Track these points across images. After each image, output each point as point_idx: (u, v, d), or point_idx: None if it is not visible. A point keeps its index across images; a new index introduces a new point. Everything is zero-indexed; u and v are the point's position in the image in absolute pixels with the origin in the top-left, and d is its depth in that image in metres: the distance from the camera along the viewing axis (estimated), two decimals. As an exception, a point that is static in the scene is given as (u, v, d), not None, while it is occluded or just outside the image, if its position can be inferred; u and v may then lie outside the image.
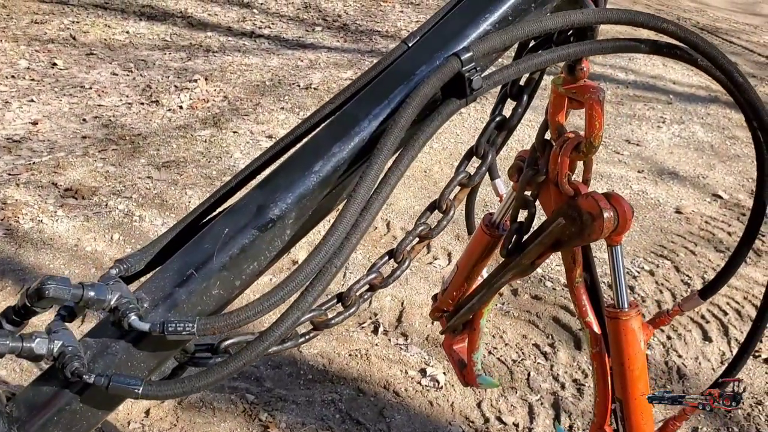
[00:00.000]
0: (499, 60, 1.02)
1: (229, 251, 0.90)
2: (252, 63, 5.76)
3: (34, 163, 3.79)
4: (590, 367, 1.55)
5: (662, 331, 2.77)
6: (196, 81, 5.21)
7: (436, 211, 1.02)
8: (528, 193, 1.19)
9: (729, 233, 3.48)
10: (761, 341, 2.64)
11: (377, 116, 0.92)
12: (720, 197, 3.84)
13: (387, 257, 1.03)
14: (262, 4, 7.46)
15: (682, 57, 0.99)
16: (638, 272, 3.18)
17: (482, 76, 0.90)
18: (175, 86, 5.12)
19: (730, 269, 1.18)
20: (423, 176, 3.92)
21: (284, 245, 0.93)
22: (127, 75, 5.32)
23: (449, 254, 3.22)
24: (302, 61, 5.84)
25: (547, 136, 1.17)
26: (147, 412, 2.27)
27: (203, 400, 2.33)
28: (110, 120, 4.48)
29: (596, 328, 1.19)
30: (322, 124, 1.04)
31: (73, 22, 6.38)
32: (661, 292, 3.05)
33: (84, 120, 4.46)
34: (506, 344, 2.69)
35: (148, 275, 0.97)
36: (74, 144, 4.10)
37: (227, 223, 0.93)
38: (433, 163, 4.07)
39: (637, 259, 3.28)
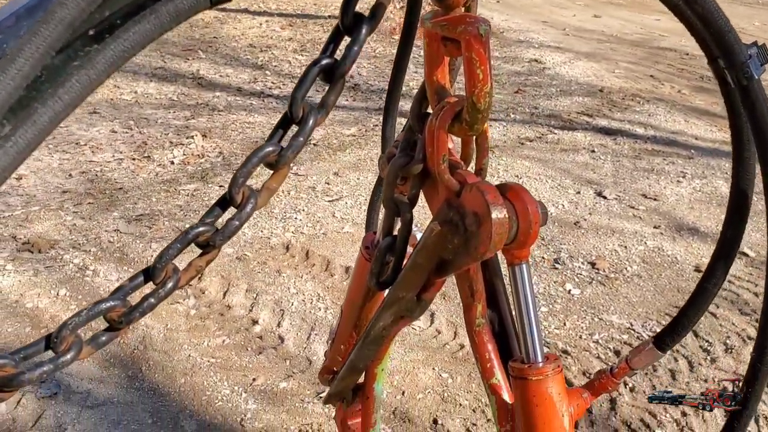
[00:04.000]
0: None
1: None
2: (255, 121, 5.62)
3: (3, 217, 3.60)
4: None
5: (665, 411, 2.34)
6: (192, 137, 5.06)
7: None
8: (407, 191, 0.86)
9: (755, 294, 3.04)
10: None
11: None
12: (746, 255, 3.41)
13: (141, 277, 0.70)
14: (275, 66, 7.41)
15: None
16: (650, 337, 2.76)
17: None
18: (171, 142, 4.97)
19: (697, 304, 0.84)
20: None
21: None
22: (126, 132, 5.21)
23: (431, 315, 2.86)
24: (306, 118, 5.67)
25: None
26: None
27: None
28: (96, 175, 4.31)
29: (507, 396, 0.84)
30: None
31: (83, 83, 6.38)
32: (676, 360, 2.63)
33: (70, 175, 4.30)
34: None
35: None
36: (52, 198, 3.92)
37: None
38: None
39: (649, 321, 2.87)
